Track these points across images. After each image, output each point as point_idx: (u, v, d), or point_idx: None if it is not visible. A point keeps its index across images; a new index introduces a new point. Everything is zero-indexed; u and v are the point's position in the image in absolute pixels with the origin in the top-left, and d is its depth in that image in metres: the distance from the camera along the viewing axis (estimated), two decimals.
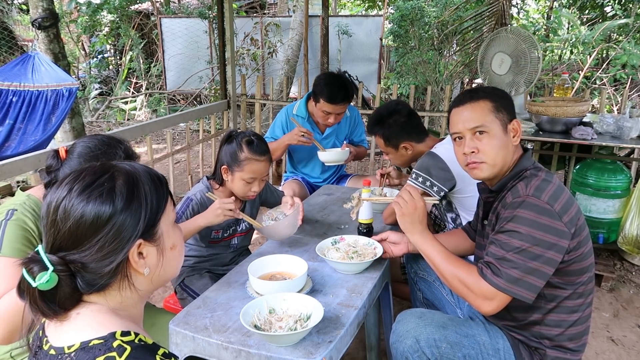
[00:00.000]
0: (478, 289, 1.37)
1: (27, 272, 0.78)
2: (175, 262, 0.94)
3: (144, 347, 0.79)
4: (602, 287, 3.02)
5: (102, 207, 0.80)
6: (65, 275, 0.80)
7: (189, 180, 4.40)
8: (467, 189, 2.04)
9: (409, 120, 2.23)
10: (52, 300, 0.80)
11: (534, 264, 1.31)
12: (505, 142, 1.48)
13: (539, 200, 1.33)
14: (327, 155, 2.77)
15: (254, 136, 1.90)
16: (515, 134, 1.50)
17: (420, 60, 6.91)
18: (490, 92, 1.53)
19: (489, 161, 1.48)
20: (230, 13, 4.25)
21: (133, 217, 0.82)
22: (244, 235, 2.12)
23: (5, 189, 4.64)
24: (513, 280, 1.32)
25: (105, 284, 0.83)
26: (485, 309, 1.37)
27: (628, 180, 3.11)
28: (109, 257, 0.81)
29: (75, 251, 0.80)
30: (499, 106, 1.49)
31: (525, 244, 1.31)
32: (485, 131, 1.48)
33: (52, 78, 3.81)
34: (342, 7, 13.23)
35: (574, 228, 1.35)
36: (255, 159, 1.85)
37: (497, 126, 1.48)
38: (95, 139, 1.41)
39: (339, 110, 2.76)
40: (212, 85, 8.73)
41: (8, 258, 1.30)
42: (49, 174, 1.39)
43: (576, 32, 7.70)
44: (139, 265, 0.85)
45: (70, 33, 9.80)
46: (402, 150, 2.25)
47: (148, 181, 0.87)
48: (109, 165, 0.87)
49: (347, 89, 2.73)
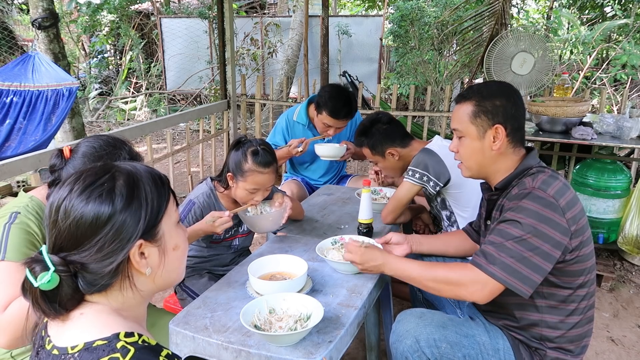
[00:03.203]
0: (465, 278, 1.36)
1: (30, 272, 0.78)
2: (179, 263, 0.93)
3: (148, 349, 0.79)
4: (602, 287, 3.02)
5: (101, 208, 0.80)
6: (67, 276, 0.80)
7: (189, 180, 4.40)
8: (462, 183, 2.05)
9: (390, 127, 2.30)
10: (53, 300, 0.80)
11: (530, 255, 1.30)
12: (480, 148, 1.50)
13: (544, 193, 1.33)
14: (323, 150, 2.77)
15: (261, 146, 1.87)
16: (496, 140, 1.48)
17: (420, 60, 6.91)
18: (479, 94, 1.51)
19: (465, 163, 1.57)
20: (230, 13, 4.25)
21: (133, 217, 0.82)
22: (245, 236, 2.12)
23: (6, 189, 4.63)
24: (509, 269, 1.30)
25: (107, 284, 0.83)
26: (476, 296, 1.35)
27: (628, 180, 3.11)
28: (109, 258, 0.81)
29: (76, 252, 0.80)
30: (479, 111, 1.49)
31: (524, 234, 1.31)
32: (462, 135, 1.54)
33: (52, 78, 3.82)
34: (342, 7, 13.23)
35: (575, 226, 1.35)
36: (259, 171, 1.84)
37: (472, 131, 1.50)
38: (100, 140, 1.40)
39: (341, 125, 2.76)
40: (212, 85, 8.73)
41: (12, 263, 1.29)
42: (53, 173, 1.38)
43: (576, 32, 7.71)
44: (140, 265, 0.84)
45: (70, 33, 9.79)
46: (389, 157, 2.30)
47: (149, 181, 0.87)
48: (110, 165, 0.87)
49: (351, 105, 2.72)
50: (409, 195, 2.11)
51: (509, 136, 1.48)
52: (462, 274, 1.38)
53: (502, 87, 1.53)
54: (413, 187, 2.09)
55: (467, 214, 2.11)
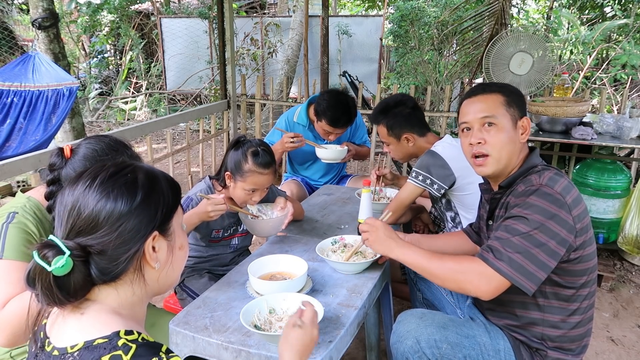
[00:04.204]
0: (472, 271, 1.34)
1: (41, 258, 0.78)
2: (181, 263, 0.97)
3: (148, 345, 0.81)
4: (602, 287, 3.02)
5: (126, 195, 0.84)
6: (80, 261, 0.81)
7: (189, 180, 4.40)
8: (467, 186, 2.05)
9: (414, 112, 2.27)
10: (64, 287, 0.80)
11: (537, 252, 1.29)
12: (513, 138, 1.48)
13: (552, 190, 1.33)
14: (324, 153, 2.76)
15: (261, 146, 1.87)
16: (524, 131, 1.50)
17: (420, 60, 6.91)
18: (503, 87, 1.54)
19: (495, 154, 1.47)
20: (230, 13, 4.25)
21: (153, 208, 0.86)
22: (244, 235, 2.12)
23: (5, 189, 4.64)
24: (515, 265, 1.29)
25: (119, 272, 0.84)
26: (482, 290, 1.33)
27: (628, 180, 3.11)
28: (127, 245, 0.83)
29: (95, 236, 0.82)
30: (511, 101, 1.49)
31: (531, 230, 1.30)
32: (494, 123, 1.48)
33: (53, 77, 3.82)
34: (342, 7, 13.24)
35: (580, 225, 1.34)
36: (259, 171, 1.84)
37: (507, 120, 1.47)
38: (102, 142, 1.40)
39: (340, 131, 2.76)
40: (212, 85, 8.74)
41: (11, 261, 1.29)
42: (52, 171, 1.37)
43: (576, 32, 7.71)
44: (152, 258, 0.87)
45: (70, 33, 9.80)
46: (403, 141, 2.27)
47: (165, 180, 0.92)
48: (130, 162, 0.92)
49: (351, 112, 2.70)
50: (412, 197, 2.12)
51: None
52: (469, 266, 1.35)
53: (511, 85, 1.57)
54: (416, 189, 2.09)
55: (472, 215, 2.10)
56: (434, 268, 1.42)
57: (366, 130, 3.17)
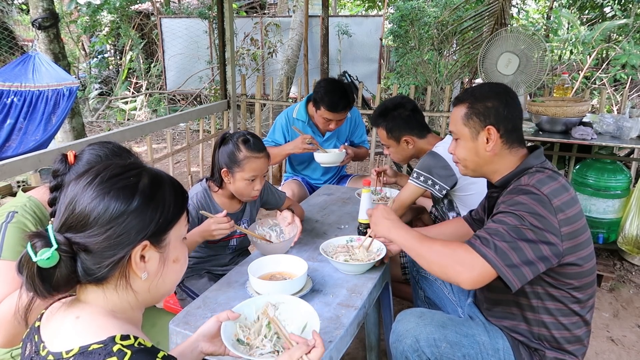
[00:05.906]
0: (458, 255, 1.34)
1: (30, 247, 0.78)
2: (175, 276, 0.93)
3: (144, 351, 0.79)
4: (602, 287, 3.02)
5: (121, 198, 0.82)
6: (67, 257, 0.80)
7: (189, 180, 4.41)
8: (469, 186, 2.06)
9: (413, 114, 2.28)
10: (47, 280, 0.79)
11: (523, 245, 1.29)
12: (474, 149, 1.53)
13: (538, 191, 1.34)
14: (323, 157, 2.76)
15: (249, 135, 1.90)
16: (489, 141, 1.49)
17: (420, 60, 6.92)
18: (472, 96, 1.54)
19: (462, 163, 1.60)
20: (230, 13, 4.25)
21: (148, 216, 0.84)
22: (242, 236, 2.12)
23: (5, 189, 4.64)
24: (500, 252, 1.29)
25: (103, 276, 0.83)
26: (464, 276, 1.31)
27: (628, 180, 3.12)
28: (113, 249, 0.82)
29: (83, 234, 0.81)
30: (472, 113, 1.51)
31: (518, 224, 1.31)
32: (456, 137, 1.58)
33: (53, 77, 3.83)
34: (342, 7, 13.23)
35: (569, 228, 1.33)
36: (255, 156, 1.85)
37: (466, 133, 1.54)
38: (105, 148, 1.40)
39: (340, 117, 2.76)
40: (212, 85, 8.74)
41: (9, 261, 1.29)
42: (55, 177, 1.37)
43: (576, 32, 7.70)
44: (138, 267, 0.85)
45: (70, 33, 9.80)
46: (403, 144, 2.28)
47: (171, 190, 0.89)
48: (139, 164, 0.90)
49: (348, 96, 2.71)
50: (413, 197, 2.13)
51: (502, 137, 1.49)
52: (455, 251, 1.35)
53: (495, 89, 1.53)
54: (417, 190, 2.10)
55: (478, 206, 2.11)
56: (423, 250, 1.42)
57: (365, 130, 3.18)
